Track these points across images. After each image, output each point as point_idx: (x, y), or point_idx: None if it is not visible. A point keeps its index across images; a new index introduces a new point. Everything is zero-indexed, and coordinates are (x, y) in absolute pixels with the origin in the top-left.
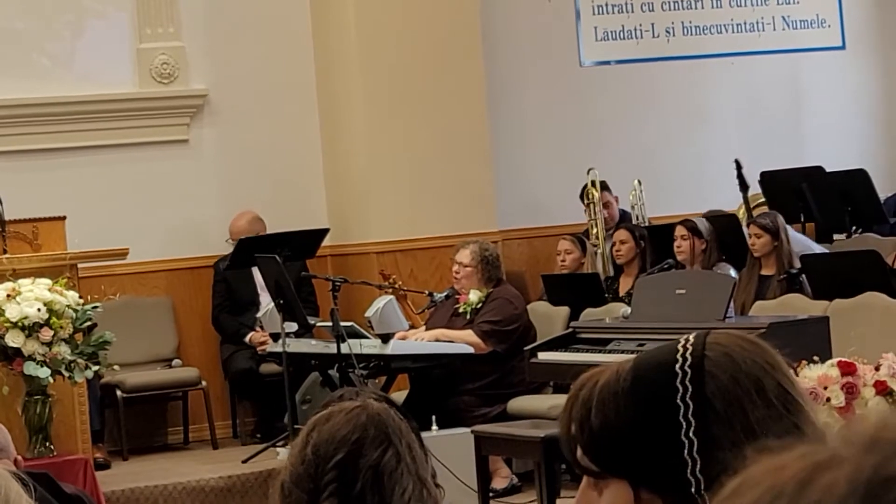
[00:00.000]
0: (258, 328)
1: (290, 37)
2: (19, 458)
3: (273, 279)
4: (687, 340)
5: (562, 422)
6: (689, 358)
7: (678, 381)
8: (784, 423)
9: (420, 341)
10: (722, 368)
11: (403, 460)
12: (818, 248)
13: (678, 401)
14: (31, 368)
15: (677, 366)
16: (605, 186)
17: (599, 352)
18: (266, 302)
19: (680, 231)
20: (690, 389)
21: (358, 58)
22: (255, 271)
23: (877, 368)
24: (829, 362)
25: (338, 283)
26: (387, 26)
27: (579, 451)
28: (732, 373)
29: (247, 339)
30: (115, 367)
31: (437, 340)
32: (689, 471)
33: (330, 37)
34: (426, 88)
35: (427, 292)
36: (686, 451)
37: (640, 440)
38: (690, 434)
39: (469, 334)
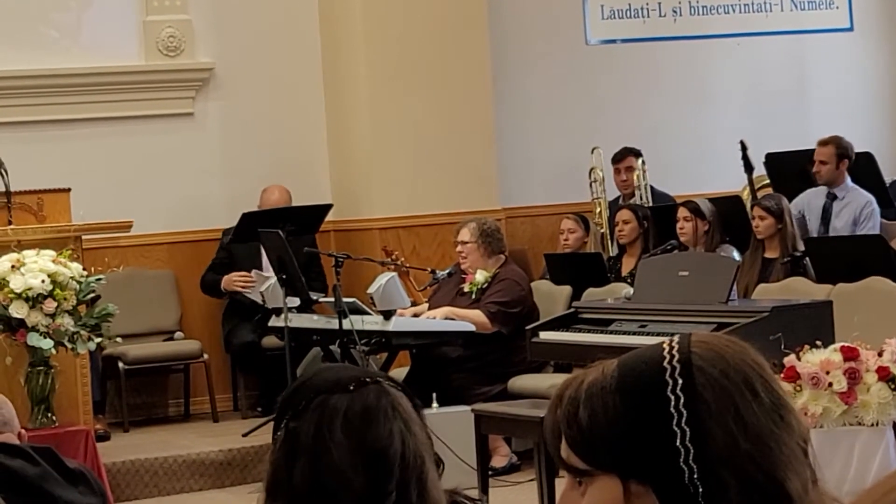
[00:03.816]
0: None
1: (296, 11)
2: (23, 431)
3: (276, 254)
4: (672, 340)
5: (547, 422)
6: (677, 354)
7: (667, 374)
8: (772, 415)
9: (427, 318)
10: (710, 363)
11: (440, 464)
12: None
13: (668, 393)
14: (34, 339)
15: (665, 361)
16: (638, 153)
17: (601, 332)
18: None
19: (682, 213)
20: (681, 382)
21: (363, 33)
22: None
23: (880, 354)
24: (831, 347)
25: (340, 259)
26: (393, 2)
27: (566, 451)
28: (721, 367)
29: (222, 285)
30: (118, 339)
31: (447, 319)
32: (681, 459)
33: (336, 12)
34: (431, 65)
35: (430, 269)
36: (679, 441)
37: (629, 433)
38: (682, 424)
39: (478, 314)
